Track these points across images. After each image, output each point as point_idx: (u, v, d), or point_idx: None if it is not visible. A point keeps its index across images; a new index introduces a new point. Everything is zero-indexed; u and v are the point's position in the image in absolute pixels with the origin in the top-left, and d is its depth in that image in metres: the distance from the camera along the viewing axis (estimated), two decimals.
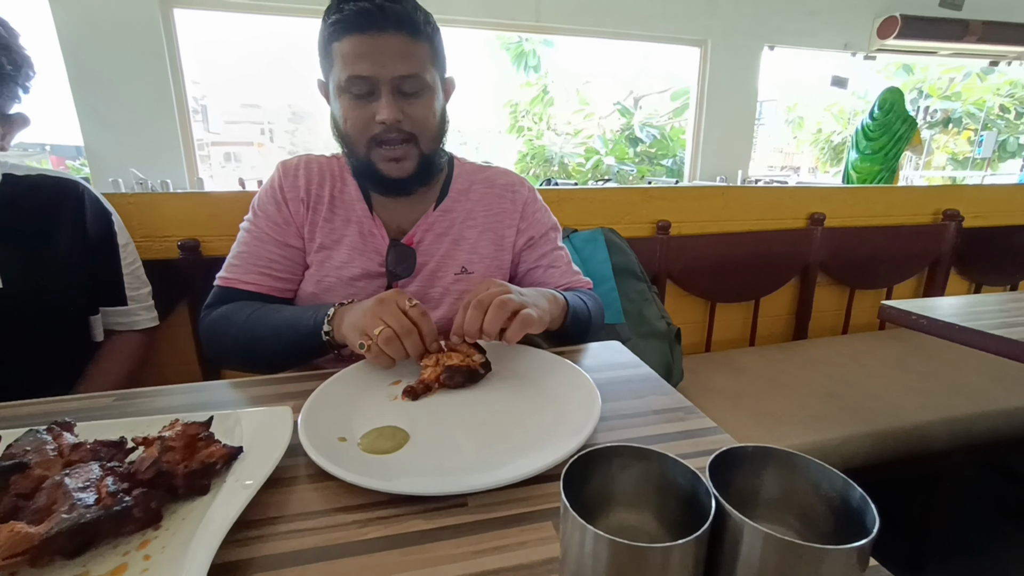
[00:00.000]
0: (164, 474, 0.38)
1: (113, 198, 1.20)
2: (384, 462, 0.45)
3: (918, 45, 4.71)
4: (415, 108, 0.72)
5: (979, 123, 8.54)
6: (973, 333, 0.78)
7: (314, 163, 0.83)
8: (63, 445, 0.42)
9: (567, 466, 0.27)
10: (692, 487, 0.26)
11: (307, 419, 0.49)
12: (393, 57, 0.68)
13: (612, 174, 7.57)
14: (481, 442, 0.48)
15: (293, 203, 0.80)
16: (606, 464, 0.28)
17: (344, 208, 0.81)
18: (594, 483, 0.28)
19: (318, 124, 13.28)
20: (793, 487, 0.26)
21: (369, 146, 0.73)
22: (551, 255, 0.87)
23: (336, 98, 0.73)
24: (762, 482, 0.27)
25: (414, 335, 0.58)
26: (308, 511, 0.40)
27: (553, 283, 0.86)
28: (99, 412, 0.57)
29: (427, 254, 0.83)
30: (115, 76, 3.26)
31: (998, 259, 1.95)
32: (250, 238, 0.80)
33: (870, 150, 3.80)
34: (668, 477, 0.27)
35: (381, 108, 0.70)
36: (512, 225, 0.87)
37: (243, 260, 0.79)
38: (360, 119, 0.71)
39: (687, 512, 0.26)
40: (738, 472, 0.27)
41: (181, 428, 0.42)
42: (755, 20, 4.29)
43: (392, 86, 0.69)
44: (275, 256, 0.80)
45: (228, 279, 0.78)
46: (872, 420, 1.18)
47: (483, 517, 0.39)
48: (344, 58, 0.68)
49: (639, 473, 0.27)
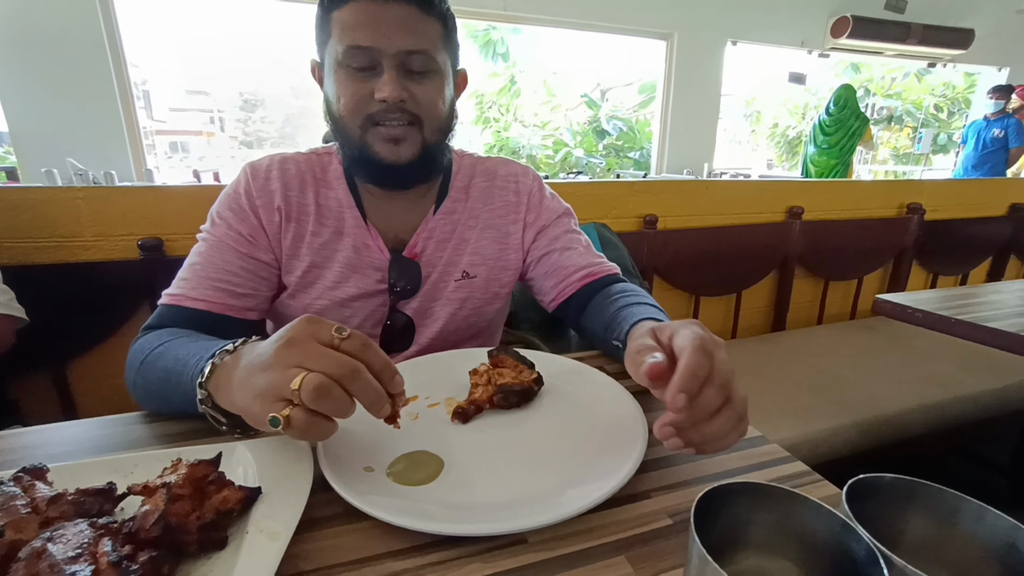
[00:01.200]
0: (174, 530, 0.32)
1: (58, 193, 1.08)
2: (425, 496, 0.40)
3: (867, 45, 4.95)
4: (422, 89, 0.63)
5: (917, 121, 9.12)
6: (967, 326, 0.80)
7: (290, 163, 0.70)
8: (37, 499, 0.34)
9: (694, 506, 0.23)
10: (835, 533, 0.22)
11: (329, 450, 0.43)
12: (400, 28, 0.60)
13: (581, 166, 7.60)
14: (526, 467, 0.44)
15: (265, 211, 0.67)
16: (732, 502, 0.24)
17: (333, 217, 0.70)
18: (722, 522, 0.24)
19: (272, 113, 12.67)
20: (943, 529, 0.23)
21: (364, 127, 0.63)
22: (565, 237, 0.78)
23: (331, 74, 0.63)
24: (907, 523, 0.24)
25: (363, 375, 0.37)
26: (349, 560, 0.35)
27: (571, 264, 0.75)
28: (57, 448, 0.49)
29: (430, 264, 0.74)
30: (46, 55, 2.96)
31: (953, 250, 2.06)
32: (206, 248, 0.65)
33: (827, 144, 3.95)
34: (805, 520, 0.23)
35: (382, 84, 0.60)
36: (517, 220, 0.78)
37: (194, 273, 0.64)
38: (356, 95, 0.62)
39: (828, 558, 0.23)
40: (874, 506, 0.24)
41: (187, 470, 0.36)
42: (719, 15, 4.37)
43: (397, 61, 0.61)
44: (235, 268, 0.65)
45: (173, 296, 0.63)
46: (857, 410, 1.22)
47: (548, 555, 0.35)
48: (344, 27, 0.60)
49: (773, 514, 0.24)
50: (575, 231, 0.80)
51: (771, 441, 0.50)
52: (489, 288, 0.77)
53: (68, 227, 1.07)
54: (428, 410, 0.53)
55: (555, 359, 0.63)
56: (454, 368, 0.60)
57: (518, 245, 0.79)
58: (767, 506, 0.24)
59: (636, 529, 0.38)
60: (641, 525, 0.38)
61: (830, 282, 1.84)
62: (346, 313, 0.71)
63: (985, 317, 0.87)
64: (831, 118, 3.91)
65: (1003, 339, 0.80)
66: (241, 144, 12.51)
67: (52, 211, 1.05)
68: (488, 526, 0.36)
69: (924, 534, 0.24)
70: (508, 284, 0.80)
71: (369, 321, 0.73)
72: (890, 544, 0.24)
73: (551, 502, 0.38)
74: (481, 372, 0.55)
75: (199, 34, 12.07)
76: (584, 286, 0.73)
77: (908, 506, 0.24)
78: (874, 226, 1.83)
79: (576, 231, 0.80)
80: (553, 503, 0.38)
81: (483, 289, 0.77)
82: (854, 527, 0.21)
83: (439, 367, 0.61)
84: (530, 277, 0.80)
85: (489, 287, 0.77)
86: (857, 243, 1.81)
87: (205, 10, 10.72)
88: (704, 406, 0.37)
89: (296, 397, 0.36)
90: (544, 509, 0.37)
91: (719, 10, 4.34)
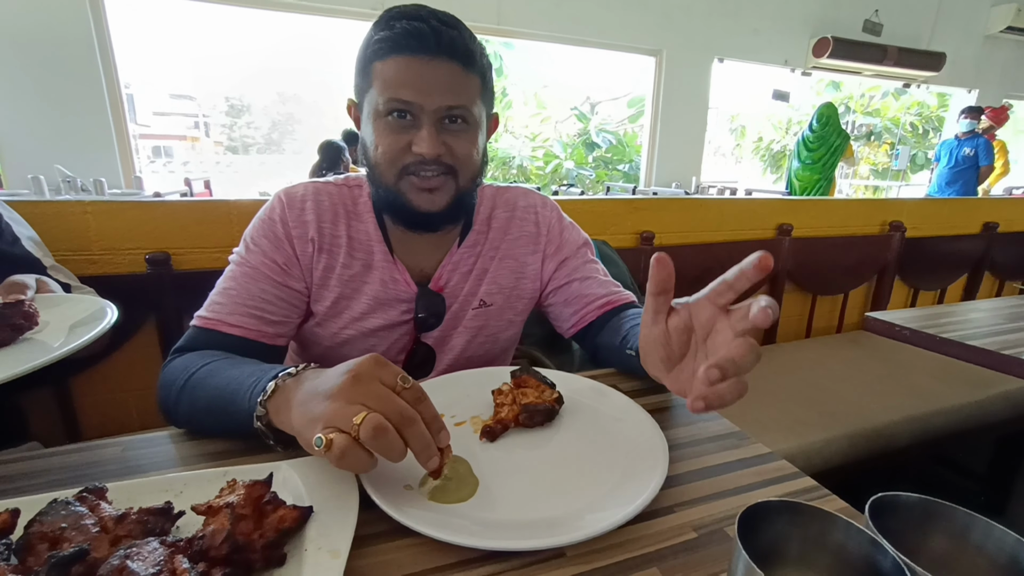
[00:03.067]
0: (241, 548, 0.34)
1: (66, 207, 1.08)
2: (466, 513, 0.42)
3: (846, 65, 5.15)
4: (458, 141, 0.65)
5: (895, 138, 9.47)
6: (953, 345, 0.85)
7: (324, 195, 0.72)
8: (104, 518, 0.36)
9: (738, 521, 0.26)
10: (863, 549, 0.26)
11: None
12: (442, 86, 0.61)
13: (571, 178, 7.70)
14: (558, 483, 0.47)
15: (300, 242, 0.69)
16: (770, 519, 0.27)
17: (362, 251, 0.72)
18: (762, 538, 0.27)
19: (258, 118, 12.58)
20: (955, 543, 0.27)
21: (400, 176, 0.65)
22: (584, 268, 0.81)
23: (370, 122, 0.65)
24: (924, 538, 0.27)
25: (418, 424, 0.40)
26: (402, 575, 0.37)
27: (591, 294, 0.78)
28: (105, 467, 0.50)
29: (452, 296, 0.76)
30: (33, 59, 2.93)
31: (932, 266, 2.15)
32: (240, 274, 0.67)
33: (810, 160, 4.08)
34: (835, 536, 0.26)
35: (420, 139, 0.62)
36: (536, 251, 0.81)
37: (229, 299, 0.65)
38: (394, 147, 0.64)
39: (856, 573, 0.26)
40: (894, 522, 0.27)
41: (244, 490, 0.38)
42: (706, 34, 4.50)
43: (436, 117, 0.63)
44: (270, 296, 0.67)
45: (208, 319, 0.64)
46: (847, 423, 1.26)
47: (586, 568, 0.38)
48: (386, 80, 0.61)
49: (810, 532, 0.27)
50: (594, 261, 0.83)
51: (780, 457, 0.54)
52: (504, 315, 0.80)
53: (76, 241, 1.07)
54: (455, 428, 0.55)
55: (571, 378, 0.66)
56: (476, 387, 0.62)
57: (535, 275, 0.82)
58: (800, 523, 0.27)
59: (665, 542, 0.41)
60: (669, 538, 0.41)
61: (817, 297, 1.91)
62: (371, 342, 0.74)
63: (966, 335, 0.93)
64: (814, 135, 4.05)
65: (983, 357, 0.85)
66: (227, 149, 12.38)
67: (60, 225, 1.05)
68: (532, 542, 0.38)
69: (938, 548, 0.27)
70: (523, 311, 0.83)
71: (393, 349, 0.76)
72: (909, 558, 0.27)
73: (588, 517, 0.41)
74: (505, 392, 0.58)
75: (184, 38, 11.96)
76: (603, 314, 0.77)
77: (925, 522, 0.27)
78: (859, 243, 1.90)
79: (594, 261, 0.83)
80: (590, 518, 0.41)
81: (498, 316, 0.80)
82: (882, 543, 0.24)
83: (461, 386, 0.63)
84: (549, 304, 0.83)
85: (504, 315, 0.80)
86: (843, 259, 1.88)
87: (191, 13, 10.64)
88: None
89: (355, 431, 0.38)
90: (582, 524, 0.40)
91: (706, 29, 4.47)
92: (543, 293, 0.83)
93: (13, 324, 0.56)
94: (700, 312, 0.43)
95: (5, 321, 0.55)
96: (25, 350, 0.55)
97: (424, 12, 0.62)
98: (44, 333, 0.59)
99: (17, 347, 0.56)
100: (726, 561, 0.39)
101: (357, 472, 0.43)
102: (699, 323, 0.43)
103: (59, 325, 0.61)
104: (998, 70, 5.86)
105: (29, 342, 0.57)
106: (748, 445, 0.56)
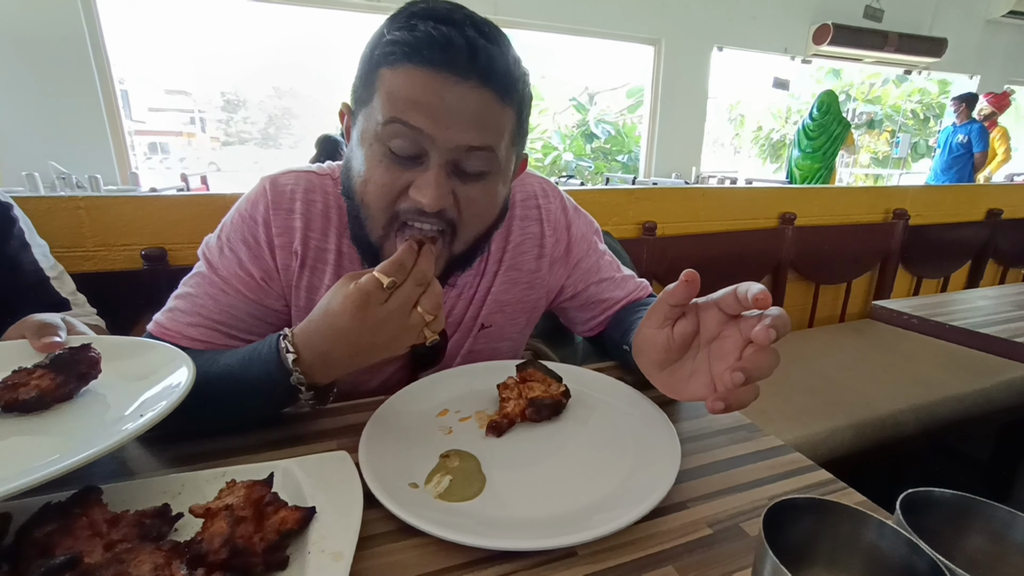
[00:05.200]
0: (241, 552, 0.33)
1: (58, 202, 1.06)
2: (474, 511, 0.41)
3: (847, 52, 5.10)
4: (470, 193, 0.51)
5: (896, 125, 9.42)
6: (963, 332, 0.84)
7: (317, 194, 0.60)
8: (99, 521, 0.35)
9: (763, 519, 0.25)
10: (897, 548, 0.24)
11: (373, 469, 0.43)
12: (466, 119, 0.47)
13: (570, 170, 7.66)
14: (568, 480, 0.45)
15: (282, 253, 0.59)
16: (798, 518, 0.26)
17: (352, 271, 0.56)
18: (788, 537, 0.25)
19: (254, 113, 12.47)
20: (1001, 547, 0.25)
21: (389, 225, 0.52)
22: (600, 267, 0.73)
23: (362, 142, 0.50)
24: (963, 540, 0.26)
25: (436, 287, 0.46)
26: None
27: (610, 297, 0.71)
28: (100, 468, 0.48)
29: (452, 326, 0.67)
30: (25, 54, 2.89)
31: (936, 254, 2.13)
32: (208, 283, 0.58)
33: (811, 149, 4.05)
34: (866, 535, 0.25)
35: (424, 185, 0.48)
36: (542, 256, 0.69)
37: (193, 307, 0.57)
38: (388, 188, 0.49)
39: (888, 572, 0.24)
40: (927, 520, 0.26)
41: (244, 491, 0.36)
42: (704, 22, 4.45)
43: (451, 158, 0.49)
44: (240, 314, 0.58)
45: (167, 329, 0.56)
46: (852, 412, 1.26)
47: (600, 567, 0.37)
48: (394, 94, 0.47)
49: (840, 531, 0.26)
50: (605, 252, 0.75)
51: (793, 450, 0.52)
52: (504, 335, 0.72)
53: (69, 237, 1.05)
54: (460, 424, 0.54)
55: (577, 371, 0.64)
56: (481, 381, 0.61)
57: (542, 283, 0.71)
58: (829, 521, 0.26)
59: (679, 539, 0.39)
60: (684, 535, 0.40)
61: (821, 286, 1.90)
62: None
63: (975, 323, 0.91)
64: (815, 123, 4.02)
65: (994, 344, 0.84)
66: (223, 145, 12.29)
67: (53, 221, 1.04)
68: (543, 541, 0.37)
69: (975, 547, 0.26)
70: (527, 323, 0.74)
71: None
72: (945, 558, 0.26)
73: (599, 515, 0.40)
74: (511, 386, 0.57)
75: (179, 32, 11.84)
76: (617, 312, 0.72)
77: (959, 520, 0.26)
78: (862, 231, 1.88)
79: (605, 251, 0.76)
80: (602, 516, 0.39)
81: (498, 337, 0.71)
82: (918, 544, 0.23)
83: (466, 381, 0.62)
84: (563, 307, 0.77)
85: (504, 333, 0.72)
86: (846, 248, 1.86)
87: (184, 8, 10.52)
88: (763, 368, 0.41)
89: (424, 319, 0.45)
90: (594, 523, 0.38)
91: (705, 17, 4.42)
92: (555, 299, 0.75)
93: (80, 372, 0.45)
94: (709, 317, 0.44)
95: (72, 369, 0.45)
96: (94, 408, 0.45)
97: (459, 16, 0.47)
98: (104, 385, 0.48)
99: (83, 404, 0.45)
100: (744, 558, 0.37)
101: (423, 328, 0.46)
102: (706, 327, 0.44)
103: (113, 375, 0.49)
104: (1000, 55, 5.81)
105: (92, 398, 0.46)
106: (760, 437, 0.54)
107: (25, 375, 0.44)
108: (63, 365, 0.45)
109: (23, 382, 0.43)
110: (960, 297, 1.25)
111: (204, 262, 0.60)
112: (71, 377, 0.45)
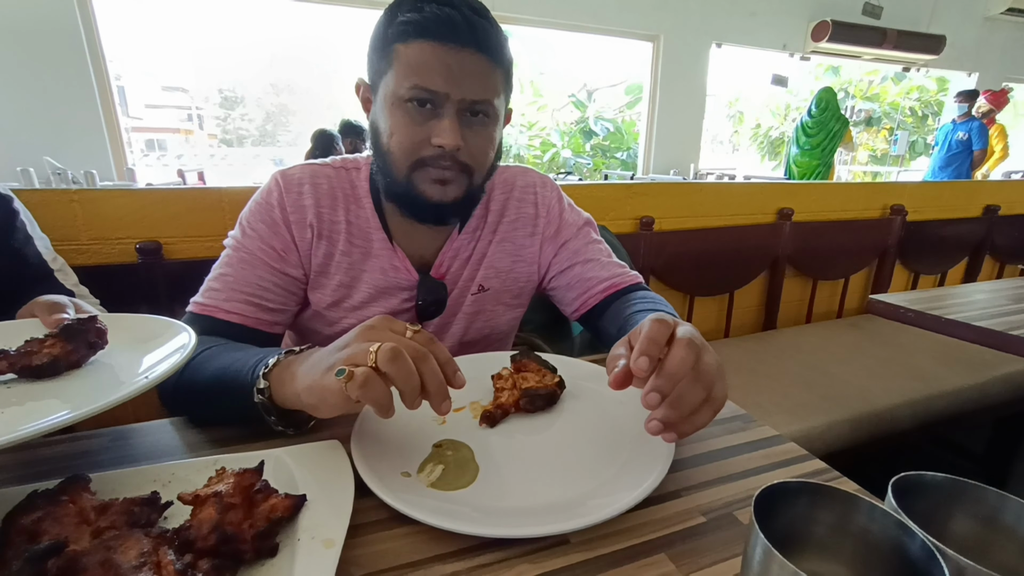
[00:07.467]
0: (229, 539, 0.32)
1: (51, 195, 1.05)
2: (466, 500, 0.41)
3: (845, 49, 5.09)
4: (477, 137, 0.63)
5: (894, 122, 9.42)
6: (958, 326, 0.84)
7: (322, 178, 0.69)
8: (86, 507, 0.34)
9: (754, 502, 0.25)
10: (889, 531, 0.24)
11: (365, 458, 0.43)
12: (469, 77, 0.59)
13: (569, 167, 7.65)
14: (560, 469, 0.45)
15: (298, 227, 0.67)
16: (790, 501, 0.26)
17: (361, 237, 0.70)
18: (779, 521, 0.25)
19: (252, 110, 12.44)
20: (991, 530, 0.25)
21: (414, 167, 0.63)
22: (587, 249, 0.78)
23: (385, 107, 0.62)
24: (955, 523, 0.25)
25: (431, 361, 0.41)
26: (399, 564, 0.35)
27: (594, 277, 0.76)
28: (92, 458, 0.48)
29: (451, 282, 0.75)
30: (20, 49, 2.87)
31: (933, 250, 2.13)
32: (236, 260, 0.65)
33: (809, 146, 4.04)
34: (858, 518, 0.25)
35: (443, 130, 0.59)
36: (535, 234, 0.78)
37: (226, 284, 0.64)
38: (412, 137, 0.61)
39: (880, 555, 0.24)
40: (918, 502, 0.26)
41: (234, 479, 0.36)
42: (703, 18, 4.44)
43: (460, 108, 0.60)
44: (267, 284, 0.66)
45: (205, 306, 0.63)
46: (849, 406, 1.26)
47: (591, 555, 0.37)
48: (410, 65, 0.58)
49: (831, 515, 0.25)
50: (597, 241, 0.80)
51: (787, 440, 0.52)
52: (500, 299, 0.79)
53: (63, 231, 1.04)
54: (454, 414, 0.54)
55: (572, 362, 0.64)
56: (475, 372, 0.60)
57: (533, 258, 0.79)
58: (820, 504, 0.26)
59: (672, 527, 0.39)
60: (676, 523, 0.40)
61: (818, 281, 1.89)
62: None
63: (970, 317, 0.91)
64: (813, 120, 4.01)
65: (989, 337, 0.84)
66: (221, 142, 12.26)
67: (46, 214, 1.02)
68: (535, 528, 0.37)
69: (966, 530, 0.26)
70: (520, 296, 0.81)
71: None
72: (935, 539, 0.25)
73: (593, 503, 0.39)
74: (505, 376, 0.56)
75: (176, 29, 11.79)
76: (606, 297, 0.75)
77: (951, 503, 0.26)
78: (859, 227, 1.88)
79: (598, 240, 0.81)
80: (595, 503, 0.39)
81: (495, 301, 0.78)
82: (909, 525, 0.23)
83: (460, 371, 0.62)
84: (552, 287, 0.81)
85: (500, 298, 0.79)
86: (844, 243, 1.86)
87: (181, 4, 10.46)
88: (685, 404, 0.40)
89: (372, 360, 0.38)
90: (587, 510, 0.38)
91: (704, 13, 4.41)
92: (545, 277, 0.81)
93: (89, 341, 0.49)
94: None
95: (82, 338, 0.48)
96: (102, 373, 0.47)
97: None
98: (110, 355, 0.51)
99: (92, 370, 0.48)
100: (737, 546, 0.37)
101: (378, 406, 0.39)
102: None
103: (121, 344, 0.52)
104: (998, 53, 5.81)
105: (100, 366, 0.49)
106: (754, 428, 0.54)
107: (37, 344, 0.47)
108: (73, 333, 0.48)
109: (36, 349, 0.46)
110: (957, 291, 1.25)
111: (230, 246, 0.67)
112: (81, 345, 0.48)
